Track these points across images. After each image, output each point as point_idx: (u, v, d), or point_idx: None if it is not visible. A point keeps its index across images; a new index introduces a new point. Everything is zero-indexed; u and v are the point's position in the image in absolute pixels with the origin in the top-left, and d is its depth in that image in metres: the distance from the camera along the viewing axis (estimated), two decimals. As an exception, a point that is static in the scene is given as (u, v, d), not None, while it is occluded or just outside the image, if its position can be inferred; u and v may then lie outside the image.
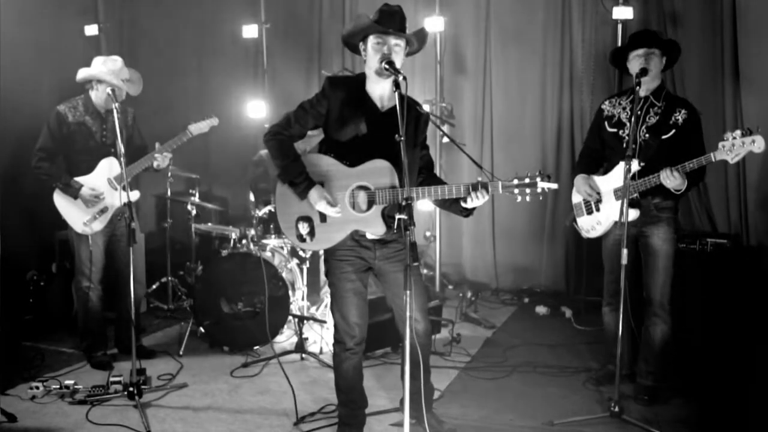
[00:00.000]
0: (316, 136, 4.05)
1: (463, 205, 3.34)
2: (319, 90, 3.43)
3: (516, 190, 3.22)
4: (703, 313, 4.69)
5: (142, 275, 5.01)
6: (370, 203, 3.37)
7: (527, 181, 3.20)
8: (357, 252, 3.46)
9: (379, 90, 3.40)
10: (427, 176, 3.58)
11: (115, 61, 4.66)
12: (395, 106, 3.25)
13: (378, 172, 3.35)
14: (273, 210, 5.30)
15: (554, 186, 3.22)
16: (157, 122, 5.65)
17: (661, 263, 4.12)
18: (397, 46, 3.30)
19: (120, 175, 4.62)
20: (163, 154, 4.70)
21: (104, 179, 4.70)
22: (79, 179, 4.65)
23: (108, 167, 4.71)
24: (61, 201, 4.68)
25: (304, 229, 3.42)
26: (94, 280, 4.74)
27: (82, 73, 4.64)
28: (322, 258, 3.59)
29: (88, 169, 4.68)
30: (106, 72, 4.58)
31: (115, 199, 4.70)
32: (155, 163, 4.71)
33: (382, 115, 3.40)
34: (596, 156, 4.37)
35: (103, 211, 4.69)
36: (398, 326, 3.58)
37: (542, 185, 3.18)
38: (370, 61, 3.33)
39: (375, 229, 3.39)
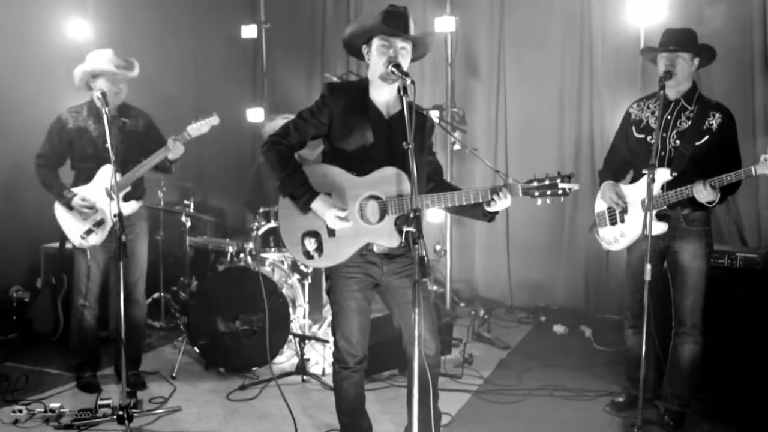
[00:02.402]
0: (320, 144, 4.00)
1: (487, 208, 3.24)
2: (319, 97, 3.37)
3: (536, 192, 3.16)
4: (732, 333, 4.52)
5: (141, 295, 4.82)
6: (382, 214, 3.26)
7: (547, 182, 3.15)
8: (364, 269, 3.34)
9: (384, 96, 3.35)
10: (438, 183, 3.49)
11: (107, 51, 4.50)
12: (401, 111, 3.22)
13: (388, 180, 3.26)
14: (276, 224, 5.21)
15: (575, 186, 3.17)
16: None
17: (690, 281, 3.98)
18: (403, 50, 3.23)
19: (117, 184, 4.47)
20: (175, 143, 4.48)
21: (101, 189, 4.53)
22: (76, 189, 4.52)
23: (106, 176, 4.52)
24: (60, 212, 4.58)
25: (311, 245, 3.29)
26: (90, 298, 4.63)
27: (79, 77, 4.46)
28: (324, 274, 3.51)
29: (89, 177, 4.55)
30: (99, 62, 4.41)
31: (114, 209, 4.50)
32: (169, 154, 4.48)
33: (387, 123, 3.34)
34: (622, 162, 4.27)
35: (99, 223, 4.53)
36: (406, 348, 3.45)
37: (563, 186, 3.13)
38: (375, 65, 3.28)
39: (388, 241, 3.28)
